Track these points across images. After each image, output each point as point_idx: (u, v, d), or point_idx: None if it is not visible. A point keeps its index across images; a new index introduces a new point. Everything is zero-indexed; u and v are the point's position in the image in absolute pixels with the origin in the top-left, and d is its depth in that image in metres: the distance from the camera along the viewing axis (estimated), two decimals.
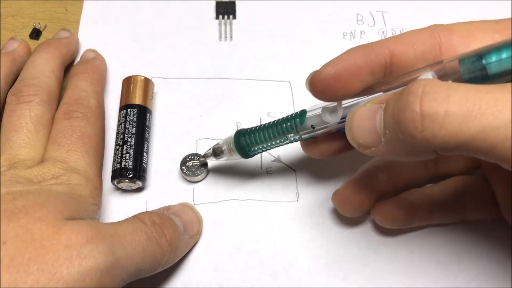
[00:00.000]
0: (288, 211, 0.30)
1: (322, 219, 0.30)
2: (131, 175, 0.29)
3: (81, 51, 0.35)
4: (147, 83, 0.32)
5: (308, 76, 0.25)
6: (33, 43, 0.36)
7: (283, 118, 0.26)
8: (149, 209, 0.29)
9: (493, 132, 0.17)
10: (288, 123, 0.26)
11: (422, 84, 0.19)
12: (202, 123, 0.33)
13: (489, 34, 0.23)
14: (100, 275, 0.21)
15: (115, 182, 0.29)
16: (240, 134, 0.27)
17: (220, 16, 0.37)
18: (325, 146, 0.27)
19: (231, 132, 0.32)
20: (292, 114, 0.26)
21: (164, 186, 0.30)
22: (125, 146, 0.29)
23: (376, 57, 0.23)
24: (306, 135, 0.26)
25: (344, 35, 0.37)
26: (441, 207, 0.28)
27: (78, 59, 0.35)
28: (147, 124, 0.31)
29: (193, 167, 0.30)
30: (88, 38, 0.36)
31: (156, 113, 0.33)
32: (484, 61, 0.20)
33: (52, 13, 0.37)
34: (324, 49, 0.36)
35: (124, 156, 0.29)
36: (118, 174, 0.29)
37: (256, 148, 0.27)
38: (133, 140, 0.29)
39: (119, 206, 0.30)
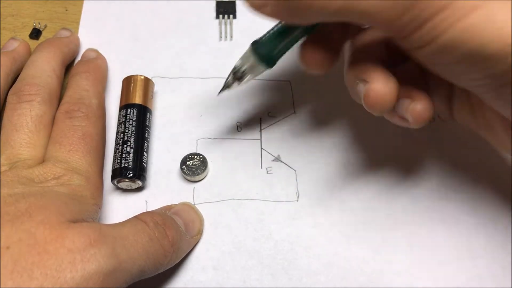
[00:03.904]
0: (288, 210, 0.30)
1: (322, 219, 0.30)
2: (131, 175, 0.29)
3: (81, 51, 0.35)
4: (147, 83, 0.32)
5: None
6: (33, 43, 0.36)
7: None
8: (149, 209, 0.29)
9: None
10: None
11: None
12: (202, 122, 0.33)
13: None
14: (103, 279, 0.21)
15: (115, 182, 0.29)
16: (257, 45, 0.26)
17: (220, 16, 0.37)
18: (317, 53, 0.25)
19: (232, 132, 0.32)
20: None
21: (164, 186, 0.30)
22: (125, 146, 0.29)
23: None
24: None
25: None
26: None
27: (78, 58, 0.35)
28: (147, 123, 0.31)
29: (193, 166, 0.30)
30: (88, 38, 0.36)
31: (156, 113, 0.33)
32: None
33: (52, 13, 0.37)
34: None
35: (124, 155, 0.29)
36: (118, 173, 0.29)
37: (276, 52, 0.25)
38: (133, 140, 0.29)
39: (119, 206, 0.30)
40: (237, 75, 0.27)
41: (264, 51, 0.25)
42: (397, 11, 0.19)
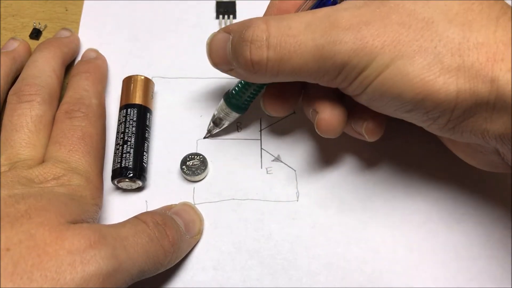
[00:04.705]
0: (288, 210, 0.30)
1: (322, 219, 0.30)
2: (131, 175, 0.29)
3: (81, 51, 0.35)
4: (147, 83, 0.32)
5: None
6: (33, 43, 0.36)
7: None
8: (149, 209, 0.29)
9: (303, 69, 0.23)
10: None
11: (252, 31, 0.24)
12: (202, 123, 0.33)
13: None
14: (103, 280, 0.21)
15: (115, 182, 0.29)
16: (228, 97, 0.30)
17: (221, 16, 0.37)
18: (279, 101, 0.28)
19: (232, 132, 0.32)
20: None
21: (164, 186, 0.30)
22: (125, 146, 0.29)
23: None
24: None
25: None
26: None
27: (79, 58, 0.35)
28: (147, 123, 0.31)
29: (193, 166, 0.30)
30: (88, 38, 0.36)
31: (156, 113, 0.33)
32: None
33: (52, 13, 0.37)
34: None
35: (124, 155, 0.29)
36: (118, 173, 0.29)
37: (244, 101, 0.30)
38: (133, 140, 0.29)
39: (119, 206, 0.30)
40: (216, 123, 0.31)
41: (235, 102, 0.30)
42: (332, 74, 0.23)
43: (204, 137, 0.32)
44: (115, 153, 0.29)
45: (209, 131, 0.32)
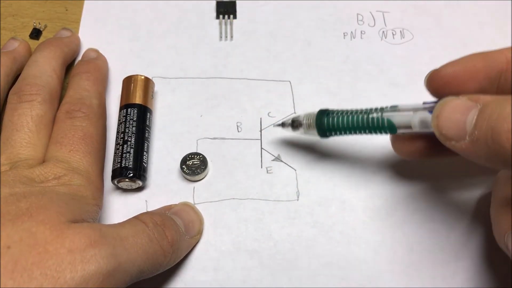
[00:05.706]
0: (289, 210, 0.30)
1: (322, 219, 0.30)
2: (131, 175, 0.29)
3: (82, 51, 0.35)
4: (148, 83, 0.32)
5: (428, 74, 0.25)
6: (33, 43, 0.36)
7: (372, 109, 0.26)
8: (149, 209, 0.29)
9: None
10: (375, 117, 0.25)
11: None
12: (202, 122, 0.33)
13: None
14: (102, 279, 0.21)
15: (115, 182, 0.29)
16: (324, 113, 0.27)
17: (221, 16, 0.37)
18: (409, 145, 0.26)
19: (232, 132, 0.32)
20: (382, 108, 0.25)
21: (164, 185, 0.30)
22: (125, 146, 0.29)
23: (493, 63, 0.24)
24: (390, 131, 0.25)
25: (344, 35, 0.37)
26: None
27: (79, 58, 0.35)
28: (147, 123, 0.31)
29: (193, 166, 0.30)
30: (89, 38, 0.36)
31: (157, 113, 0.33)
32: None
33: (52, 13, 0.37)
34: (324, 49, 0.36)
35: (124, 155, 0.29)
36: (118, 173, 0.29)
37: (336, 131, 0.27)
38: (133, 140, 0.29)
39: (119, 206, 0.30)
40: (294, 123, 0.29)
41: (325, 125, 0.27)
42: None
43: (274, 125, 0.31)
44: (115, 153, 0.29)
45: (283, 124, 0.30)
